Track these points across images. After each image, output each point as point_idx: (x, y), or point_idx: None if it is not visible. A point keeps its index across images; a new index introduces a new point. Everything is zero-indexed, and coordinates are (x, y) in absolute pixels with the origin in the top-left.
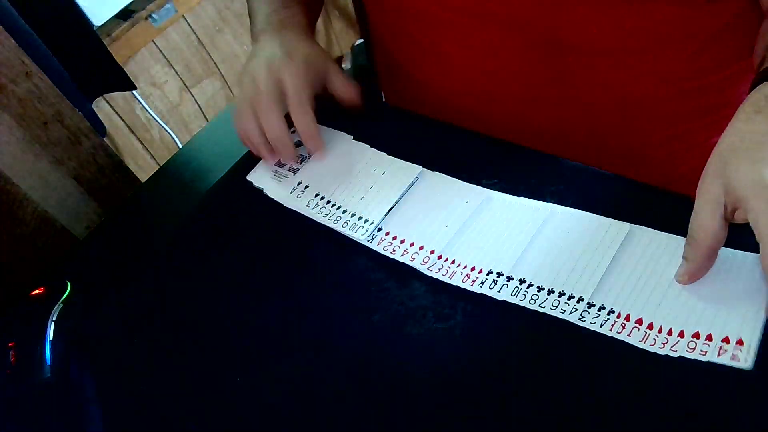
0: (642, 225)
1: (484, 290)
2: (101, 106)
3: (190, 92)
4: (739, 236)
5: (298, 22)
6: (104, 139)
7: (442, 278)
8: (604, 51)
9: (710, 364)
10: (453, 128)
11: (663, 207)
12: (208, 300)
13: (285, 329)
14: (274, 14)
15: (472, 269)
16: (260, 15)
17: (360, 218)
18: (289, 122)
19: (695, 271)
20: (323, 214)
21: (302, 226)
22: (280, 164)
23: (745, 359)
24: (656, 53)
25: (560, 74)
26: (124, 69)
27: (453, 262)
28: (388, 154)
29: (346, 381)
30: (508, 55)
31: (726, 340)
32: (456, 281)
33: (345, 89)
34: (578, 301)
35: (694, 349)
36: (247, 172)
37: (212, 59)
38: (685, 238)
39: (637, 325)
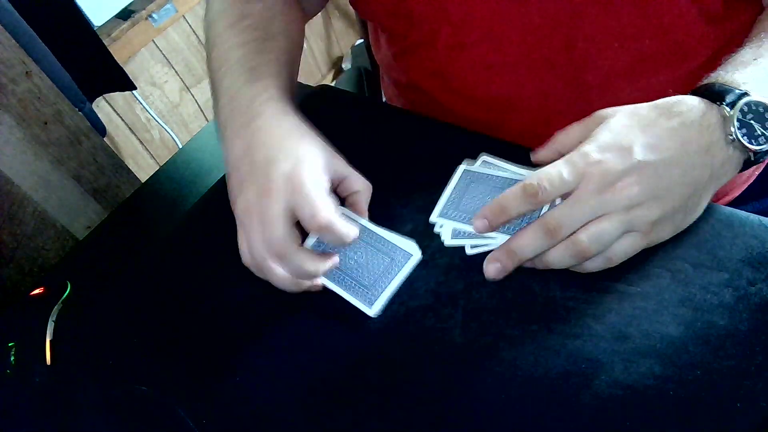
0: None
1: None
2: (101, 106)
3: (190, 92)
4: None
5: (273, 97)
6: (104, 139)
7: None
8: (621, 70)
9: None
10: (453, 128)
11: None
12: (207, 300)
13: (285, 329)
14: (240, 93)
15: None
16: (223, 96)
17: None
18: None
19: None
20: None
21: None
22: None
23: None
24: (672, 71)
25: (578, 91)
26: (124, 69)
27: None
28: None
29: (345, 380)
30: (523, 74)
31: None
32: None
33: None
34: None
35: None
36: None
37: None
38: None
39: None
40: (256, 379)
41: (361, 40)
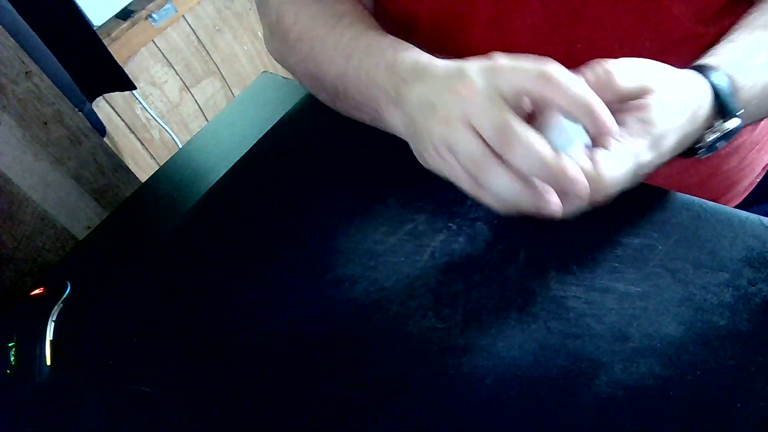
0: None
1: None
2: (101, 106)
3: (190, 92)
4: None
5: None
6: (104, 139)
7: None
8: None
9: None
10: None
11: (671, 212)
12: (207, 300)
13: (285, 329)
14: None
15: None
16: (373, 65)
17: None
18: None
19: None
20: None
21: (302, 226)
22: None
23: None
24: None
25: None
26: (124, 69)
27: None
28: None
29: (345, 381)
30: None
31: None
32: None
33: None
34: None
35: None
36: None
37: (212, 59)
38: None
39: None
40: (256, 379)
41: None
